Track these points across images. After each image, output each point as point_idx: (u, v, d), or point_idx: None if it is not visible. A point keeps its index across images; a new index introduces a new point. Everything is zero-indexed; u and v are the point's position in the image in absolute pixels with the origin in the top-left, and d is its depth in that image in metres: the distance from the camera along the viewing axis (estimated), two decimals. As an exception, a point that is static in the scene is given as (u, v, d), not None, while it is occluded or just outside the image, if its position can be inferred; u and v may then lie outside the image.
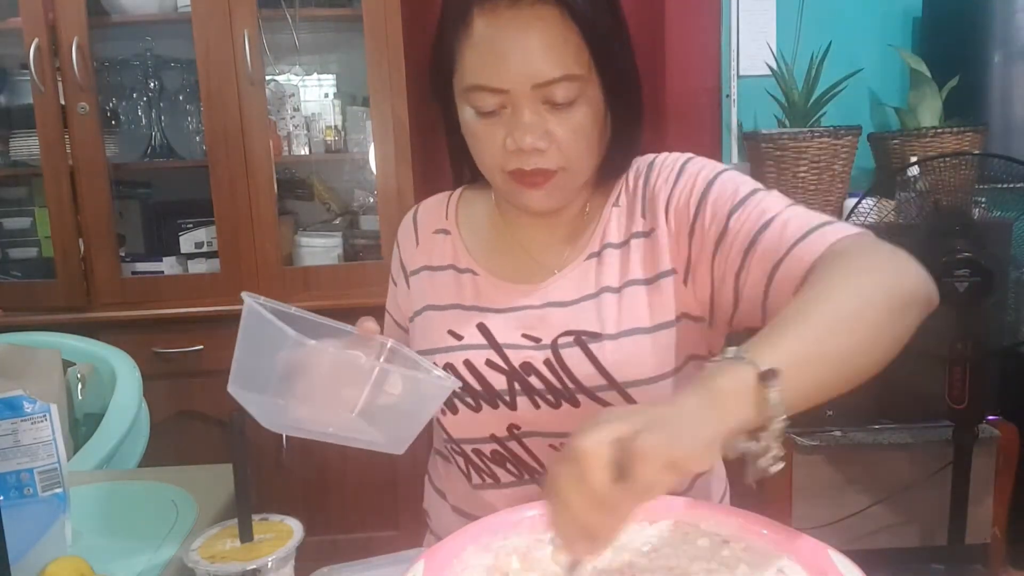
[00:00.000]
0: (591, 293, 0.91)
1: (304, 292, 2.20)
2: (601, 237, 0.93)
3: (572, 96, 0.82)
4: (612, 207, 0.94)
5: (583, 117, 0.84)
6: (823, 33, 2.32)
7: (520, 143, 0.83)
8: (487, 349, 0.91)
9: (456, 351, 0.92)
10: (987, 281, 1.67)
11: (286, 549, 0.68)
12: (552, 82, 0.81)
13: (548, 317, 0.91)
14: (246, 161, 2.14)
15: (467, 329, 0.93)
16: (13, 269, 2.33)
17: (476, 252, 0.98)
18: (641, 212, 0.92)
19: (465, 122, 0.88)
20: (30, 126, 2.15)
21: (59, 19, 2.07)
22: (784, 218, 0.81)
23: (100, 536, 0.95)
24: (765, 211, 0.83)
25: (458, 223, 1.01)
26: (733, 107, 2.49)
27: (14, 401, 0.90)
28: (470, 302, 0.95)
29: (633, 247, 0.91)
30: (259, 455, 2.16)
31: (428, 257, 1.00)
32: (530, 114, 0.82)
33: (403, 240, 1.04)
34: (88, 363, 1.75)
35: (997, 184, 1.86)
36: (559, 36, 0.81)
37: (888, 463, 1.99)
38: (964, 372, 1.76)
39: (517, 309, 0.93)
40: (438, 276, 0.98)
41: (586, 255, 0.93)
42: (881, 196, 1.99)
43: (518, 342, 0.91)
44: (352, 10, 2.22)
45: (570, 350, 0.88)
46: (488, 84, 0.82)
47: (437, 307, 0.96)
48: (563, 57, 0.81)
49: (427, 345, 0.94)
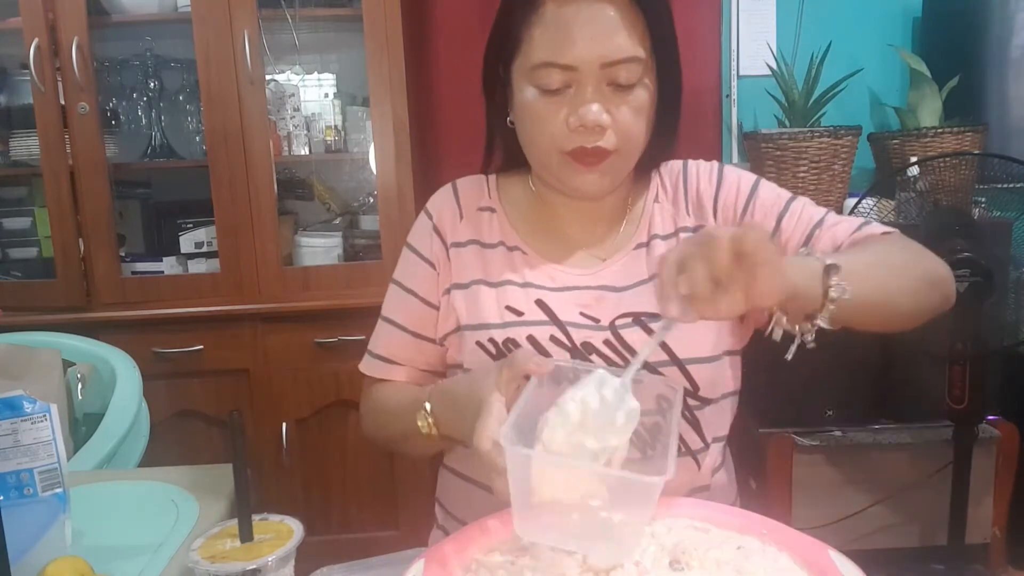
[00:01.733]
0: (644, 279, 0.95)
1: (304, 292, 2.20)
2: (648, 229, 0.98)
3: (634, 78, 0.87)
4: (654, 203, 1.00)
5: (641, 100, 0.88)
6: (823, 33, 2.33)
7: (584, 119, 0.86)
8: (549, 325, 0.92)
9: (517, 326, 0.92)
10: (987, 281, 1.67)
11: (286, 549, 0.68)
12: (619, 62, 0.86)
13: (604, 299, 0.94)
14: (246, 161, 2.14)
15: (526, 305, 0.94)
16: (13, 269, 2.33)
17: (523, 232, 1.00)
18: (686, 210, 0.99)
19: (525, 103, 0.90)
20: (30, 126, 2.15)
21: (59, 19, 2.07)
22: (831, 220, 0.94)
23: (100, 536, 0.95)
24: (812, 215, 0.95)
25: (502, 203, 1.02)
26: (733, 107, 2.50)
27: (14, 401, 0.90)
28: (523, 279, 0.96)
29: (683, 240, 0.96)
30: (259, 455, 2.16)
31: (477, 232, 1.00)
32: (594, 92, 0.86)
33: (442, 212, 1.02)
34: (88, 363, 1.75)
35: (997, 184, 1.86)
36: (627, 19, 0.86)
37: (888, 463, 1.99)
38: (964, 372, 1.76)
39: (572, 288, 0.95)
40: (489, 253, 0.99)
41: (634, 245, 0.98)
42: (881, 196, 1.99)
43: (578, 320, 0.92)
44: (352, 10, 2.22)
45: (630, 330, 0.91)
46: (558, 61, 0.86)
47: (489, 283, 0.96)
48: (630, 39, 0.86)
49: (481, 319, 0.94)
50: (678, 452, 0.92)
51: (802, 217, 0.95)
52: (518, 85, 0.91)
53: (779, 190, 0.99)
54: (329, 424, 2.20)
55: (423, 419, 0.87)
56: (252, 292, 2.18)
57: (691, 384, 0.90)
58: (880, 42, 2.45)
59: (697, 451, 0.94)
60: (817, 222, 0.94)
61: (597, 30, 0.85)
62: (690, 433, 0.93)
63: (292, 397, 2.18)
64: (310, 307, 2.17)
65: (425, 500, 1.08)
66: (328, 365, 2.15)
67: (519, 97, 0.91)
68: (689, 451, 0.93)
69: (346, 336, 2.13)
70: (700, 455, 0.94)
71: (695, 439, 0.94)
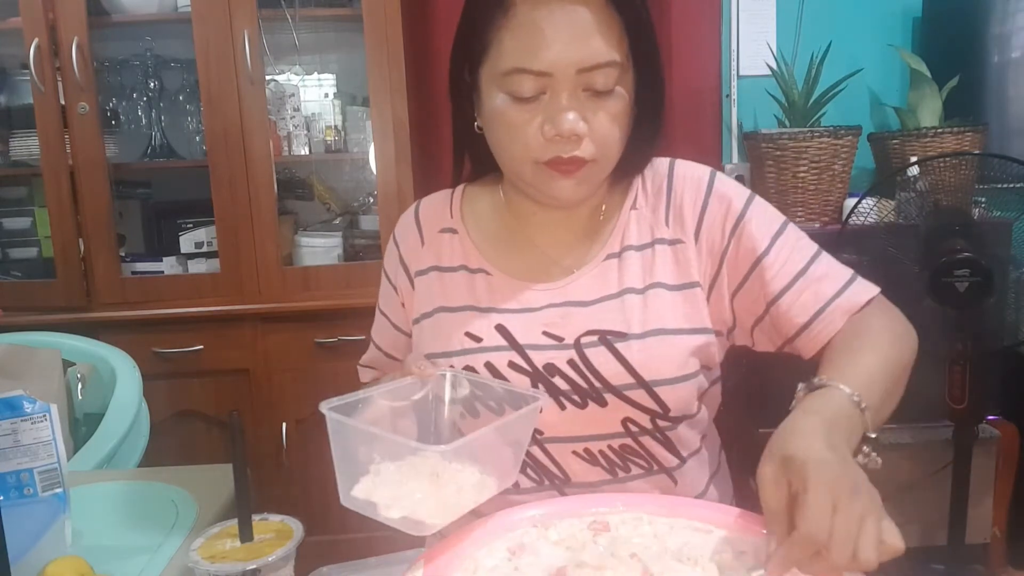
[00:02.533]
0: (612, 293, 0.90)
1: (304, 292, 2.20)
2: (620, 239, 0.93)
3: (611, 84, 0.83)
4: (630, 210, 0.94)
5: (618, 107, 0.84)
6: (823, 33, 2.32)
7: (560, 128, 0.82)
8: (508, 351, 0.89)
9: (475, 353, 0.90)
10: (987, 281, 1.67)
11: (286, 549, 0.68)
12: (596, 67, 0.81)
13: (569, 316, 0.90)
14: (246, 161, 2.14)
15: (485, 331, 0.91)
16: (13, 269, 2.33)
17: (486, 251, 0.97)
18: (665, 220, 0.93)
19: (496, 111, 0.85)
20: (30, 126, 2.15)
21: (59, 19, 2.07)
22: (816, 273, 0.88)
23: (100, 536, 0.95)
24: (797, 262, 0.88)
25: (464, 221, 0.99)
26: (733, 107, 2.49)
27: (14, 401, 0.90)
28: (485, 303, 0.93)
29: (659, 252, 0.91)
30: (259, 455, 2.16)
31: (437, 257, 0.98)
32: (570, 100, 0.82)
33: (404, 239, 1.02)
34: (88, 363, 1.75)
35: (997, 184, 1.86)
36: (603, 22, 0.81)
37: (888, 463, 1.98)
38: (964, 372, 1.76)
39: (535, 309, 0.92)
40: (448, 277, 0.96)
41: (604, 255, 0.93)
42: (881, 196, 1.99)
43: (540, 342, 0.89)
44: (352, 10, 2.22)
45: (595, 349, 0.87)
46: (531, 67, 0.81)
47: (449, 308, 0.94)
48: (607, 43, 0.81)
49: (442, 348, 0.92)
50: (650, 471, 0.91)
51: (787, 262, 0.88)
52: (487, 91, 0.86)
53: (769, 219, 0.91)
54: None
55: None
56: (252, 292, 2.18)
57: (659, 405, 0.86)
58: (880, 42, 2.45)
59: (672, 468, 0.92)
60: (801, 270, 0.88)
61: (572, 33, 0.80)
62: (661, 451, 0.90)
63: (292, 397, 2.18)
64: (310, 307, 2.17)
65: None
66: (328, 365, 2.15)
67: (488, 103, 0.86)
68: (663, 468, 0.91)
69: (346, 336, 2.13)
70: (676, 472, 0.92)
71: (668, 457, 0.91)
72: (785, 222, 0.92)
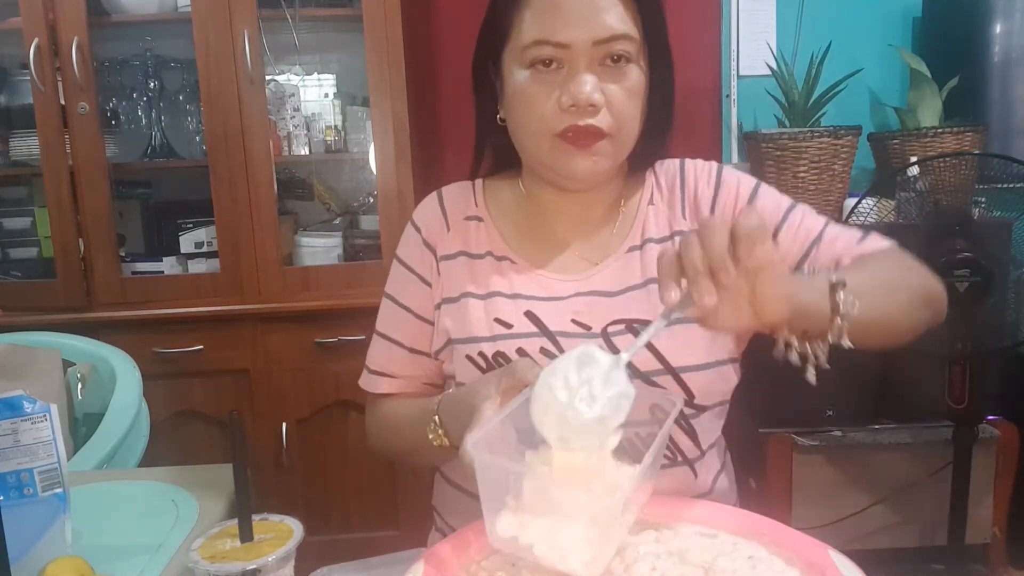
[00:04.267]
0: (637, 284, 0.93)
1: (304, 292, 2.20)
2: (641, 232, 0.97)
3: (628, 55, 0.87)
4: (648, 205, 0.98)
5: (633, 81, 0.88)
6: (823, 33, 2.33)
7: (577, 96, 0.85)
8: (539, 337, 0.91)
9: (506, 339, 0.91)
10: (987, 281, 1.67)
11: (286, 549, 0.68)
12: (612, 39, 0.85)
13: (595, 306, 0.92)
14: (246, 161, 2.14)
15: (515, 317, 0.92)
16: (13, 269, 2.33)
17: (511, 240, 0.99)
18: (682, 212, 0.97)
19: (517, 88, 0.89)
20: (30, 126, 2.14)
21: (59, 19, 2.07)
22: (830, 235, 0.93)
23: (100, 536, 0.95)
24: (811, 229, 0.94)
25: (489, 210, 1.01)
26: (733, 107, 2.49)
27: (14, 401, 0.90)
28: (512, 290, 0.95)
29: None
30: (259, 455, 2.16)
31: (464, 243, 0.99)
32: (587, 70, 0.86)
33: (428, 224, 1.01)
34: (88, 363, 1.75)
35: (997, 184, 1.86)
36: (620, 2, 0.87)
37: (888, 463, 1.99)
38: (964, 372, 1.76)
39: (563, 298, 0.94)
40: (477, 263, 0.97)
41: (627, 248, 0.96)
42: (881, 196, 1.99)
43: (569, 329, 0.91)
44: (352, 10, 2.22)
45: (622, 337, 0.90)
46: (550, 38, 0.86)
47: (477, 295, 0.95)
48: (623, 19, 0.86)
49: (471, 333, 0.93)
50: (674, 462, 0.91)
51: (800, 231, 0.93)
52: (509, 71, 0.90)
53: (778, 197, 0.97)
54: (329, 424, 2.20)
55: (433, 430, 0.85)
56: (252, 292, 2.18)
57: (686, 392, 0.89)
58: (880, 42, 2.45)
59: (694, 459, 0.93)
60: (816, 237, 0.93)
61: (589, 9, 0.85)
62: (686, 441, 0.92)
63: (292, 397, 2.18)
64: (310, 307, 2.17)
65: (425, 501, 1.08)
66: (328, 365, 2.15)
67: (510, 84, 0.90)
68: (686, 460, 0.92)
69: (346, 336, 2.13)
70: (696, 463, 0.93)
71: (691, 447, 0.92)
72: (793, 202, 0.97)
